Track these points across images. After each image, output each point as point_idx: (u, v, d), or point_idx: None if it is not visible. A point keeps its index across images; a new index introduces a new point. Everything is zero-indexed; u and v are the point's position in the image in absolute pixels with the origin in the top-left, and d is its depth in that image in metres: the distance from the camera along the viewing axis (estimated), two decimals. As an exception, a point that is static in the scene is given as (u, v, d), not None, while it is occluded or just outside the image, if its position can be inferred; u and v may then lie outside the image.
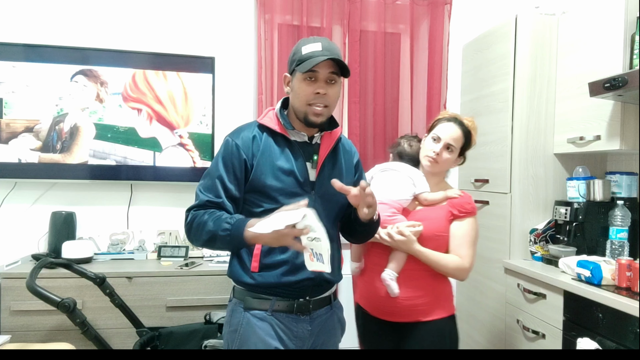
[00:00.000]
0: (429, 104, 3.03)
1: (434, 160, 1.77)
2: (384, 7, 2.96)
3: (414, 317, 1.72)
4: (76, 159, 2.66)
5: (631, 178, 2.27)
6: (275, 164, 1.42)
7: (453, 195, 1.79)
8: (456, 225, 1.77)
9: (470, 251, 1.75)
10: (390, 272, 1.71)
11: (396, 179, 1.81)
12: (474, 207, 1.80)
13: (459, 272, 1.75)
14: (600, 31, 2.14)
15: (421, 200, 1.80)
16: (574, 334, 1.88)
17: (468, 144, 1.82)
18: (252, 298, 1.44)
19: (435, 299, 1.74)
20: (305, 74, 1.38)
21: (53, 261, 2.24)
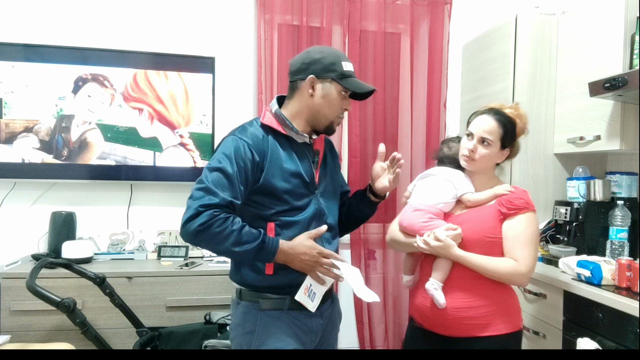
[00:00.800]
0: (429, 104, 3.03)
1: (469, 158, 1.61)
2: (384, 7, 2.96)
3: (469, 332, 1.54)
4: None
5: (631, 178, 2.27)
6: (283, 166, 1.43)
7: (502, 192, 1.61)
8: (508, 224, 1.57)
9: (526, 252, 1.54)
10: (433, 281, 1.57)
11: (434, 183, 1.70)
12: (529, 202, 1.59)
13: (515, 277, 1.55)
14: (600, 31, 2.14)
15: (465, 201, 1.65)
16: (574, 334, 1.88)
17: (511, 133, 1.62)
18: (267, 299, 1.45)
19: (494, 310, 1.54)
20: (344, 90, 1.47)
21: (53, 261, 2.24)
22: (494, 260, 1.55)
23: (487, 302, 1.54)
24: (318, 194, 1.51)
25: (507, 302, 1.59)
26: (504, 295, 1.58)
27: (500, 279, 1.55)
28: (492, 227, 1.58)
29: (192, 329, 2.27)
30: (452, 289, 1.56)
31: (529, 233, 1.56)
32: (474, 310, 1.54)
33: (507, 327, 1.55)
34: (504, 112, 1.64)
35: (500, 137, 1.60)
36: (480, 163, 1.62)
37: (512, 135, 1.63)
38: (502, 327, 1.54)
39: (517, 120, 1.64)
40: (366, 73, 2.98)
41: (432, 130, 3.01)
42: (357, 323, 3.00)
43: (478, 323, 1.54)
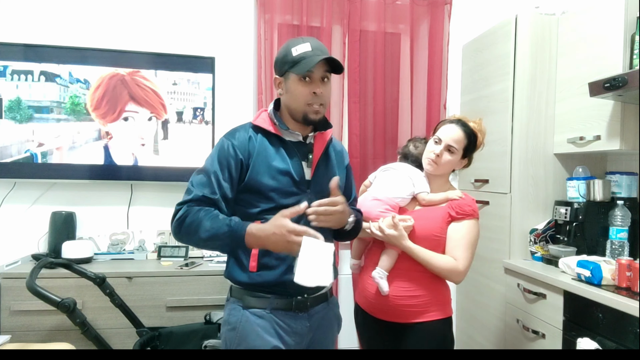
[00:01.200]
0: (429, 104, 3.03)
1: (433, 162, 1.77)
2: (384, 7, 2.96)
3: (407, 318, 1.71)
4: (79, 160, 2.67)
5: (631, 178, 2.27)
6: (271, 164, 1.44)
7: (453, 196, 1.77)
8: (454, 226, 1.74)
9: (466, 254, 1.71)
10: (380, 270, 1.71)
11: (395, 177, 1.84)
12: (475, 209, 1.76)
13: (451, 274, 1.71)
14: (600, 31, 2.14)
15: (420, 200, 1.80)
16: (574, 334, 1.88)
17: (472, 145, 1.80)
18: (251, 297, 1.45)
19: (430, 300, 1.71)
20: (299, 74, 1.41)
21: (53, 261, 2.23)
22: (438, 256, 1.71)
23: (425, 292, 1.71)
24: (311, 193, 1.48)
25: (441, 292, 1.75)
26: (439, 287, 1.74)
27: (440, 273, 1.71)
28: (439, 227, 1.73)
29: (192, 329, 2.27)
30: (395, 278, 1.72)
31: (470, 237, 1.73)
32: (413, 299, 1.70)
33: (440, 314, 1.72)
34: (469, 125, 1.81)
35: (464, 147, 1.78)
36: (443, 168, 1.79)
37: (472, 147, 1.81)
38: (436, 314, 1.71)
39: (479, 134, 1.82)
40: (366, 73, 2.98)
41: (432, 130, 3.00)
42: (357, 323, 2.99)
43: (415, 310, 1.70)
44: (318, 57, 1.39)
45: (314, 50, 1.41)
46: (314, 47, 1.42)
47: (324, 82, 1.45)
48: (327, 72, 1.44)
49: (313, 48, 1.41)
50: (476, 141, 1.81)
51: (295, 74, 1.42)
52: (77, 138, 2.67)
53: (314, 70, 1.41)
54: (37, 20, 2.69)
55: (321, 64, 1.41)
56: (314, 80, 1.43)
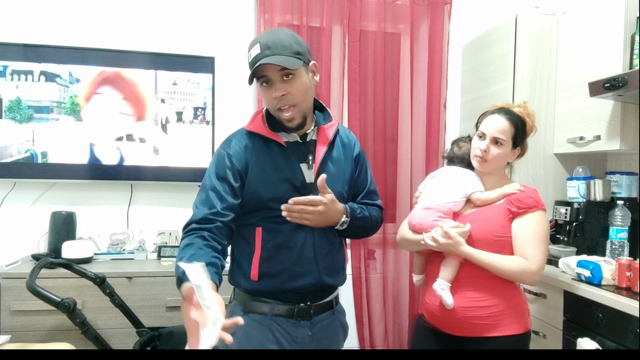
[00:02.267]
0: (429, 104, 3.02)
1: (482, 159, 1.61)
2: (384, 7, 2.96)
3: (478, 332, 1.54)
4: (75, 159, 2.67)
5: (631, 178, 2.27)
6: (268, 172, 1.37)
7: (511, 190, 1.60)
8: (518, 223, 1.57)
9: (537, 251, 1.53)
10: (441, 281, 1.57)
11: (443, 182, 1.71)
12: (538, 200, 1.59)
13: (524, 276, 1.54)
14: (600, 31, 2.14)
15: (474, 200, 1.65)
16: (574, 334, 1.88)
17: (522, 132, 1.63)
18: (252, 301, 1.41)
19: (503, 310, 1.54)
20: (258, 80, 1.32)
21: (53, 261, 2.23)
22: (504, 258, 1.54)
23: (496, 302, 1.54)
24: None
25: (516, 302, 1.58)
26: (513, 296, 1.58)
27: (510, 277, 1.55)
28: (501, 226, 1.57)
29: (192, 329, 2.26)
30: (460, 288, 1.56)
31: (539, 231, 1.55)
32: (483, 310, 1.54)
33: (516, 328, 1.55)
34: (514, 111, 1.64)
35: (512, 137, 1.61)
36: (493, 163, 1.62)
37: (522, 134, 1.64)
38: (511, 327, 1.54)
39: (527, 119, 1.65)
40: (366, 73, 2.98)
41: (432, 130, 3.01)
42: (357, 323, 3.00)
43: (486, 323, 1.53)
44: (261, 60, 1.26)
45: (262, 52, 1.27)
46: (263, 46, 1.28)
47: (288, 81, 1.30)
48: (286, 68, 1.28)
49: (262, 48, 1.27)
50: (525, 127, 1.64)
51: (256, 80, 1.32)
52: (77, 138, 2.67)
53: (266, 73, 1.29)
54: (37, 20, 2.69)
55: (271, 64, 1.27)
56: (272, 83, 1.31)
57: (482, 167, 1.63)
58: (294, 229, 1.38)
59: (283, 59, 1.27)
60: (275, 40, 1.28)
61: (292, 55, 1.29)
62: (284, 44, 1.29)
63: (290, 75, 1.30)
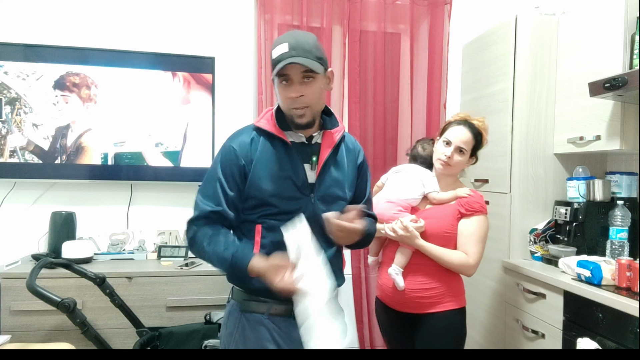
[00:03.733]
0: (429, 104, 3.03)
1: (445, 164, 1.86)
2: (384, 7, 2.96)
3: (424, 309, 1.82)
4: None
5: (631, 178, 2.27)
6: (271, 168, 1.39)
7: (462, 194, 1.86)
8: (464, 223, 1.83)
9: (476, 248, 1.82)
10: (395, 267, 1.83)
11: (406, 179, 1.93)
12: (483, 205, 1.86)
13: (463, 268, 1.82)
14: (600, 31, 2.14)
15: (430, 199, 1.90)
16: (574, 334, 1.88)
17: (479, 144, 1.90)
18: (250, 301, 1.41)
19: (444, 291, 1.81)
20: (279, 78, 1.35)
21: (53, 261, 2.24)
22: (449, 252, 1.81)
23: (438, 285, 1.82)
24: (314, 197, 1.42)
25: (454, 284, 1.85)
26: (452, 279, 1.85)
27: (452, 268, 1.82)
28: (450, 224, 1.83)
29: (192, 329, 2.27)
30: (410, 273, 1.83)
31: (480, 232, 1.83)
32: (428, 292, 1.81)
33: (454, 305, 1.82)
34: (475, 124, 1.89)
35: (472, 147, 1.88)
36: (453, 168, 1.88)
37: (479, 146, 1.90)
38: (450, 304, 1.82)
39: (484, 133, 1.91)
40: (366, 73, 2.98)
41: (432, 130, 3.01)
42: (357, 323, 3.00)
43: (430, 302, 1.81)
44: (289, 59, 1.30)
45: (290, 51, 1.32)
46: (291, 46, 1.32)
47: (306, 83, 1.35)
48: (308, 71, 1.33)
49: (290, 48, 1.32)
50: (482, 140, 1.90)
51: (275, 76, 1.36)
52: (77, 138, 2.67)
53: (289, 72, 1.33)
54: (37, 20, 2.69)
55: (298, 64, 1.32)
56: (291, 83, 1.35)
57: (444, 170, 1.88)
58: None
59: (309, 62, 1.32)
60: (303, 43, 1.34)
61: (316, 60, 1.34)
62: (310, 47, 1.34)
63: (310, 78, 1.35)
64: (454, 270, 1.83)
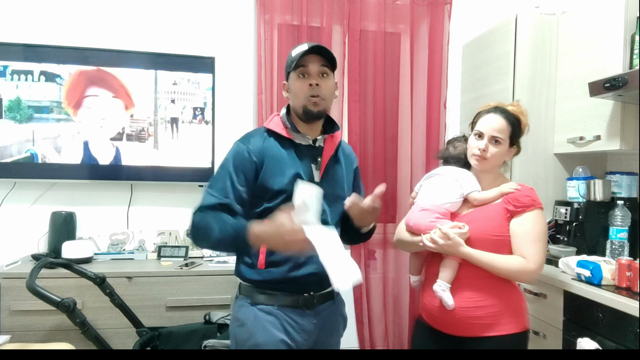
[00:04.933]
0: (429, 104, 3.02)
1: (481, 158, 1.62)
2: (384, 7, 2.95)
3: (477, 331, 1.55)
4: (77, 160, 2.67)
5: (631, 178, 2.27)
6: (282, 167, 1.47)
7: (508, 190, 1.61)
8: (516, 222, 1.58)
9: (535, 249, 1.55)
10: (441, 282, 1.58)
11: (440, 183, 1.71)
12: (535, 199, 1.60)
13: (522, 275, 1.57)
14: (600, 31, 2.14)
15: (471, 200, 1.66)
16: (574, 334, 1.88)
17: (518, 131, 1.66)
18: (259, 294, 1.48)
19: (501, 310, 1.55)
20: (297, 71, 1.46)
21: (53, 261, 2.23)
22: (502, 257, 1.55)
23: (495, 302, 1.55)
24: None
25: (514, 301, 1.59)
26: (511, 295, 1.59)
27: (509, 276, 1.56)
28: (499, 225, 1.58)
29: (192, 329, 2.27)
30: (459, 289, 1.57)
31: (536, 230, 1.56)
32: (481, 310, 1.55)
33: (514, 327, 1.56)
34: (510, 110, 1.66)
35: (510, 135, 1.63)
36: (492, 162, 1.63)
37: (518, 132, 1.66)
38: (509, 327, 1.55)
39: (521, 117, 1.67)
40: (366, 73, 2.98)
41: (432, 130, 3.01)
42: (357, 323, 3.00)
43: (485, 323, 1.54)
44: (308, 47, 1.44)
45: (310, 48, 1.45)
46: (311, 46, 1.46)
47: (323, 78, 1.48)
48: (325, 66, 1.47)
49: (310, 46, 1.45)
50: (520, 125, 1.66)
51: (293, 71, 1.47)
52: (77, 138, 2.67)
53: (308, 64, 1.45)
54: (37, 20, 2.69)
55: (316, 59, 1.46)
56: (310, 74, 1.46)
57: (481, 165, 1.64)
58: None
59: (328, 56, 1.47)
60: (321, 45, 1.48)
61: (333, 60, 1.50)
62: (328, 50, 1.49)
63: (326, 74, 1.48)
64: (511, 278, 1.58)
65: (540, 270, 1.56)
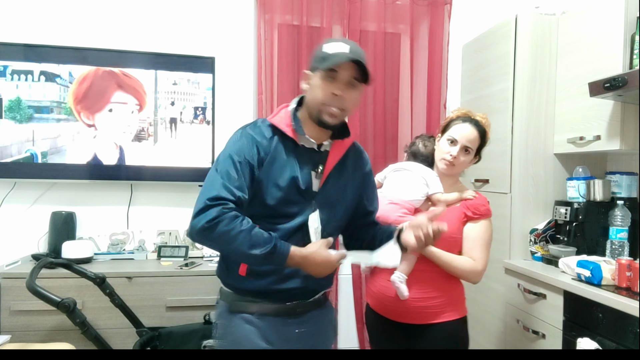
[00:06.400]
0: (429, 104, 3.03)
1: (450, 164, 1.74)
2: (384, 7, 2.96)
3: (424, 319, 1.70)
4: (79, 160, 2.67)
5: (631, 178, 2.27)
6: (279, 170, 1.36)
7: (468, 196, 1.77)
8: (470, 227, 1.74)
9: (483, 254, 1.73)
10: (399, 274, 1.68)
11: (409, 179, 1.80)
12: (489, 209, 1.78)
13: (471, 275, 1.73)
14: (600, 31, 2.14)
15: (434, 200, 1.77)
16: (574, 334, 1.88)
17: (484, 143, 1.80)
18: (239, 301, 1.40)
19: (446, 300, 1.72)
20: (326, 72, 1.32)
21: (53, 261, 2.23)
22: (457, 258, 1.72)
23: (440, 293, 1.71)
24: (315, 204, 1.40)
25: (456, 292, 1.77)
26: (454, 287, 1.76)
27: (459, 275, 1.73)
28: (456, 227, 1.72)
29: (192, 329, 2.27)
30: (413, 281, 1.70)
31: (487, 237, 1.75)
32: (429, 301, 1.70)
33: (457, 314, 1.73)
34: (479, 121, 1.78)
35: (478, 146, 1.78)
36: (458, 168, 1.78)
37: (483, 144, 1.80)
38: (453, 314, 1.72)
39: (487, 130, 1.80)
40: (366, 73, 2.98)
41: (432, 130, 3.00)
42: (357, 323, 3.00)
43: (433, 311, 1.70)
44: (348, 57, 1.30)
45: (349, 53, 1.31)
46: (351, 49, 1.32)
47: (350, 88, 1.34)
48: (356, 78, 1.34)
49: (350, 51, 1.32)
50: (486, 137, 1.80)
51: (321, 69, 1.32)
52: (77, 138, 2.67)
53: (340, 70, 1.32)
54: (37, 20, 2.70)
55: (350, 67, 1.32)
56: (338, 80, 1.33)
57: (448, 170, 1.77)
58: (288, 232, 1.36)
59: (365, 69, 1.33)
60: (361, 53, 1.35)
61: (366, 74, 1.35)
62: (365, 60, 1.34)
63: (354, 86, 1.35)
64: (461, 277, 1.74)
65: (484, 272, 1.74)
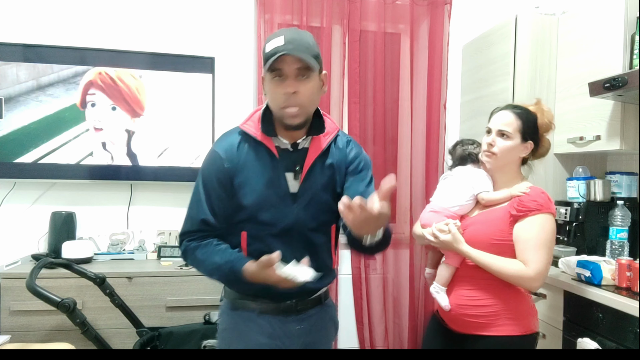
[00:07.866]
0: (429, 104, 3.02)
1: (490, 153, 1.59)
2: (384, 7, 2.95)
3: (472, 329, 1.55)
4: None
5: (631, 178, 2.27)
6: (253, 178, 1.34)
7: (517, 192, 1.55)
8: (519, 227, 1.52)
9: (537, 255, 1.48)
10: (436, 285, 1.61)
11: (452, 184, 1.70)
12: (542, 203, 1.52)
13: (521, 280, 1.50)
14: (600, 31, 2.14)
15: (479, 200, 1.63)
16: (574, 334, 1.88)
17: (530, 126, 1.59)
18: (239, 299, 1.41)
19: (500, 310, 1.53)
20: (271, 73, 1.25)
21: (53, 261, 2.23)
22: (501, 260, 1.51)
23: (492, 302, 1.53)
24: (297, 207, 1.36)
25: (514, 304, 1.54)
26: (511, 298, 1.54)
27: (507, 279, 1.51)
28: (500, 229, 1.54)
29: (192, 329, 2.27)
30: (456, 286, 1.60)
31: (540, 236, 1.50)
32: (478, 309, 1.54)
33: (515, 329, 1.52)
34: (523, 107, 1.64)
35: (519, 130, 1.58)
36: (501, 157, 1.59)
37: (533, 128, 1.60)
38: (506, 328, 1.52)
39: (539, 114, 1.62)
40: (366, 73, 2.98)
41: (431, 131, 3.01)
42: (357, 323, 3.00)
43: (480, 322, 1.54)
44: (283, 52, 1.20)
45: (285, 45, 1.21)
46: (287, 40, 1.22)
47: (301, 80, 1.25)
48: (304, 68, 1.24)
49: (286, 42, 1.22)
50: (535, 121, 1.60)
51: (268, 72, 1.26)
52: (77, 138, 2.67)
53: (283, 67, 1.23)
54: (37, 20, 2.69)
55: (290, 59, 1.22)
56: (285, 78, 1.24)
57: (490, 161, 1.61)
58: (274, 236, 1.36)
59: (306, 56, 1.24)
60: (299, 39, 1.25)
61: (312, 57, 1.26)
62: (308, 44, 1.26)
63: (305, 76, 1.26)
64: (510, 282, 1.51)
65: (540, 278, 1.50)
